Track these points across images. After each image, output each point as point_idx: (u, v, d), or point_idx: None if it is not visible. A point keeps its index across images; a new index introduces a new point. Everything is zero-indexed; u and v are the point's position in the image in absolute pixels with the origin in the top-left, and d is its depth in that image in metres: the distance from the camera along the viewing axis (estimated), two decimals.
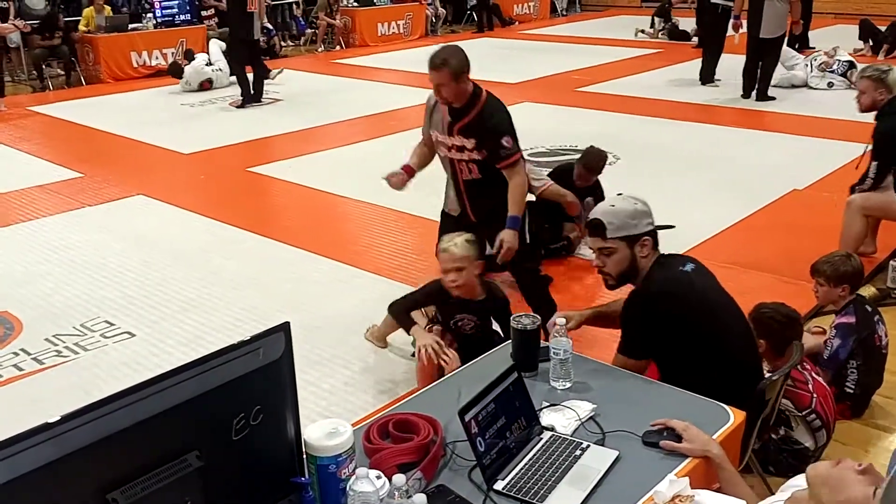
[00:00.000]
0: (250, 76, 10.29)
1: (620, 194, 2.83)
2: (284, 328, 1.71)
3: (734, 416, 2.27)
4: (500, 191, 3.89)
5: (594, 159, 5.32)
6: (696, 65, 11.12)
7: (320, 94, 11.08)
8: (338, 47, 15.05)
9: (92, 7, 12.45)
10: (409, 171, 4.16)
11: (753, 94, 9.69)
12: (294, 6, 16.60)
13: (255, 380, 1.64)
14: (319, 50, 14.93)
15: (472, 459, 2.01)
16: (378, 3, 15.62)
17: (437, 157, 4.16)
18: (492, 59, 12.37)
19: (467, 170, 3.96)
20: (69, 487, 1.39)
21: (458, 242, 3.42)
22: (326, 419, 1.84)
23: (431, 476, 1.99)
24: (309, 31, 15.93)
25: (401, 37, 15.71)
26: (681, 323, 2.61)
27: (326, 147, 8.35)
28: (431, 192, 4.51)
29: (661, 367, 2.70)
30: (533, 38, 15.66)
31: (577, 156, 5.50)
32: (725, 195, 6.40)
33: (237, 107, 10.22)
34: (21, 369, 4.16)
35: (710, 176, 6.96)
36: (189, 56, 11.64)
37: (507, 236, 3.80)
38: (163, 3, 12.79)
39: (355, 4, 15.40)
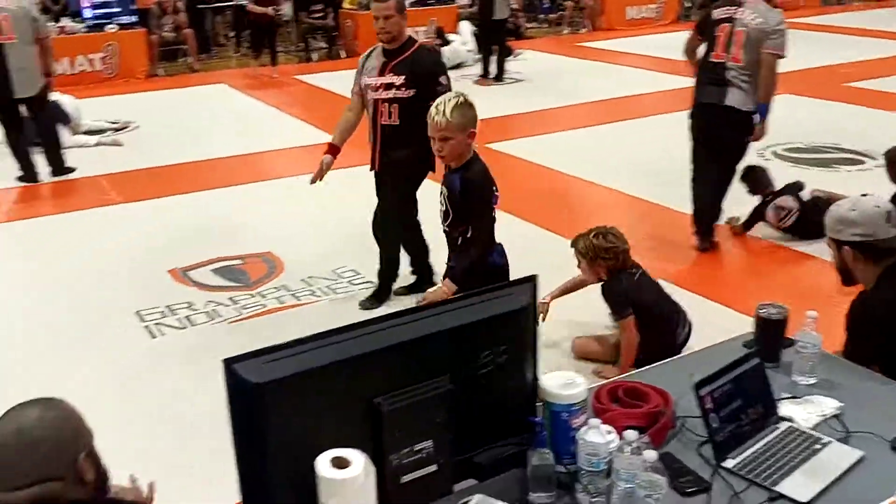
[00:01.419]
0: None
1: (865, 195, 2.66)
2: (532, 280, 1.81)
3: None
4: (413, 142, 3.86)
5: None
6: None
7: (561, 76, 11.15)
8: (584, 29, 14.98)
9: None
10: (333, 151, 4.37)
11: None
12: None
13: (503, 322, 1.75)
14: (565, 32, 14.96)
15: (703, 436, 2.00)
16: None
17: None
18: None
19: (387, 112, 4.12)
20: (344, 386, 1.58)
21: (443, 110, 3.10)
22: (561, 371, 1.92)
23: (659, 444, 2.01)
24: (552, 15, 15.98)
25: (651, 21, 15.35)
26: None
27: (564, 128, 8.41)
28: (667, 181, 4.45)
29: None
30: (801, 27, 14.78)
31: (836, 155, 5.18)
32: None
33: (481, 85, 10.52)
34: (282, 302, 4.67)
35: None
36: (440, 35, 12.06)
37: None
38: None
39: None
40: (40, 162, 7.22)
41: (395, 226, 4.50)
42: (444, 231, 3.42)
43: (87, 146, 8.10)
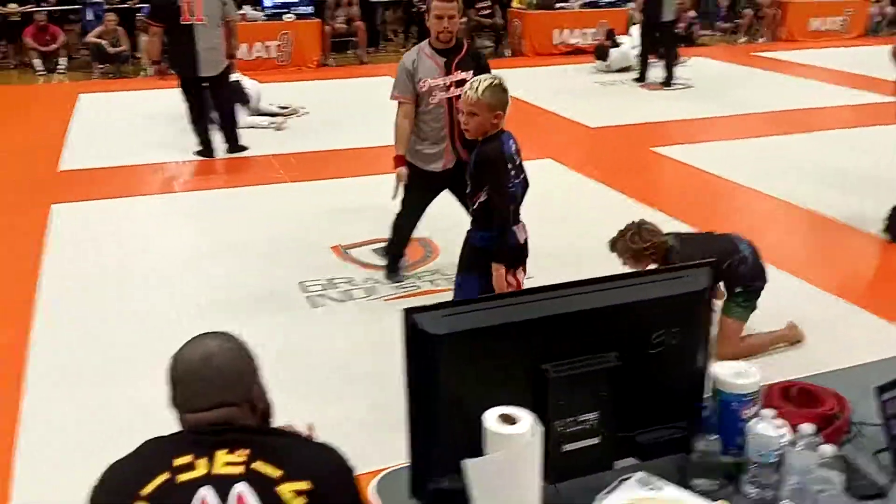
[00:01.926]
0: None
1: None
2: (711, 264, 1.76)
3: None
4: None
5: None
6: None
7: (732, 84, 10.79)
8: (761, 39, 14.41)
9: None
10: (404, 163, 4.36)
11: None
12: None
13: (677, 303, 1.72)
14: (741, 41, 14.46)
15: (880, 443, 1.90)
16: None
17: None
18: None
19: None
20: (514, 348, 1.61)
21: (477, 87, 3.25)
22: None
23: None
24: (727, 24, 15.48)
25: (836, 34, 14.58)
26: None
27: (730, 137, 8.14)
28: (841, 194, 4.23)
29: None
30: None
31: None
32: None
33: (648, 89, 10.34)
34: (436, 285, 4.79)
35: None
36: (610, 36, 11.93)
37: None
38: None
39: None
40: (217, 139, 7.63)
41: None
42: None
43: (260, 127, 8.51)
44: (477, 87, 3.25)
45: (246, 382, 1.66)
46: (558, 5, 13.29)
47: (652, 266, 3.81)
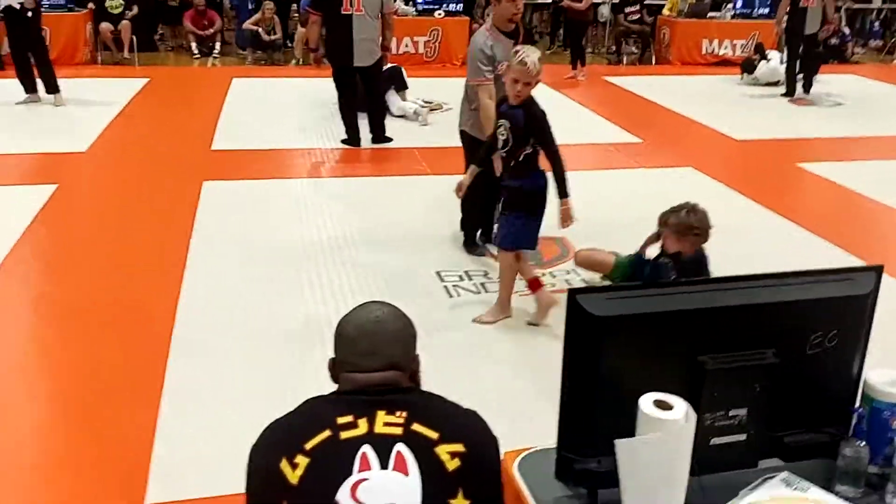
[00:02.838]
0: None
1: None
2: (877, 269, 1.76)
3: None
4: None
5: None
6: None
7: (884, 104, 10.38)
8: None
9: None
10: None
11: None
12: (875, 13, 15.56)
13: (839, 306, 1.73)
14: (895, 61, 13.80)
15: None
16: None
17: None
18: None
19: None
20: (673, 337, 1.66)
21: (533, 59, 3.87)
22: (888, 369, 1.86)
23: None
24: (879, 41, 14.79)
25: None
26: None
27: (881, 157, 7.83)
28: None
29: None
30: None
31: None
32: None
33: (797, 105, 10.03)
34: (570, 284, 4.85)
35: None
36: (759, 50, 11.62)
37: None
38: None
39: None
40: (364, 128, 7.87)
41: None
42: (502, 157, 4.22)
43: (411, 113, 8.79)
44: (534, 61, 3.87)
45: (412, 347, 1.77)
46: (710, 14, 13.02)
47: (688, 249, 4.05)
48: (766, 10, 12.98)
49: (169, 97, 9.94)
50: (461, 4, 12.36)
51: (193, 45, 12.71)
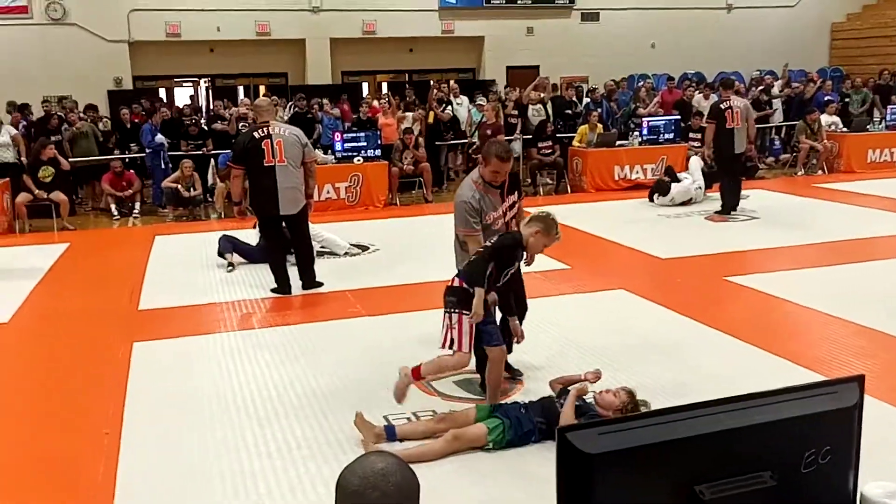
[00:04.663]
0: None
1: None
2: (859, 380, 1.74)
3: None
4: None
5: None
6: None
7: (795, 215, 10.84)
8: (819, 172, 14.51)
9: (587, 125, 13.68)
10: None
11: None
12: (773, 129, 16.52)
13: (828, 420, 1.69)
14: (799, 173, 14.54)
15: None
16: (871, 129, 14.91)
17: None
18: None
19: (514, 222, 5.05)
20: (668, 468, 1.58)
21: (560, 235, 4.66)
22: (881, 481, 1.82)
23: None
24: (785, 155, 15.64)
25: (894, 165, 14.66)
26: None
27: (804, 266, 8.10)
28: None
29: None
30: None
31: None
32: None
33: (714, 221, 10.41)
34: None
35: None
36: (669, 172, 12.12)
37: None
38: (650, 123, 13.61)
39: (845, 130, 14.84)
40: (294, 275, 7.79)
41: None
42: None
43: (337, 253, 8.97)
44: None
45: (416, 500, 1.69)
46: (619, 143, 13.60)
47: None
48: (671, 136, 13.64)
49: (91, 260, 9.72)
50: (379, 150, 12.64)
51: (113, 206, 12.60)
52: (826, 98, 15.99)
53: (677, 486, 1.58)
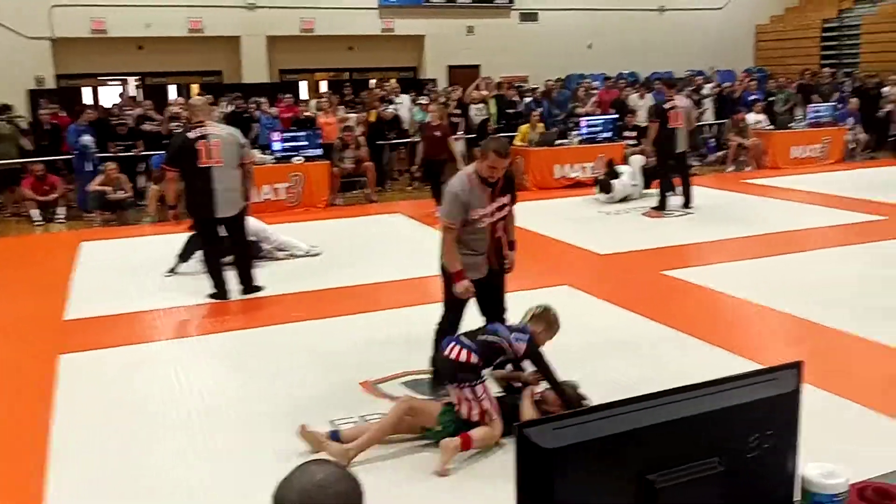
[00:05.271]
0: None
1: None
2: (797, 366, 1.81)
3: None
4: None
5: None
6: None
7: (727, 210, 11.15)
8: (748, 168, 14.90)
9: (528, 124, 13.82)
10: (464, 276, 4.88)
11: None
12: (706, 128, 16.91)
13: (770, 406, 1.76)
14: (729, 170, 14.91)
15: None
16: (794, 127, 15.41)
17: None
18: None
19: (501, 226, 5.00)
20: (623, 459, 1.62)
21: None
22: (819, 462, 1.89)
23: None
24: (719, 153, 16.03)
25: (816, 160, 15.23)
26: None
27: (737, 258, 8.34)
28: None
29: None
30: None
31: None
32: None
33: (651, 217, 10.63)
34: None
35: None
36: (610, 167, 12.29)
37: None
38: (588, 122, 13.81)
39: (771, 128, 15.28)
40: (231, 279, 7.59)
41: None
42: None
43: (297, 255, 8.99)
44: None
45: None
46: (558, 142, 13.76)
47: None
48: (609, 134, 13.86)
49: (11, 268, 9.24)
50: (320, 150, 12.53)
51: (34, 212, 12.03)
52: (752, 97, 16.42)
53: (632, 475, 1.62)
